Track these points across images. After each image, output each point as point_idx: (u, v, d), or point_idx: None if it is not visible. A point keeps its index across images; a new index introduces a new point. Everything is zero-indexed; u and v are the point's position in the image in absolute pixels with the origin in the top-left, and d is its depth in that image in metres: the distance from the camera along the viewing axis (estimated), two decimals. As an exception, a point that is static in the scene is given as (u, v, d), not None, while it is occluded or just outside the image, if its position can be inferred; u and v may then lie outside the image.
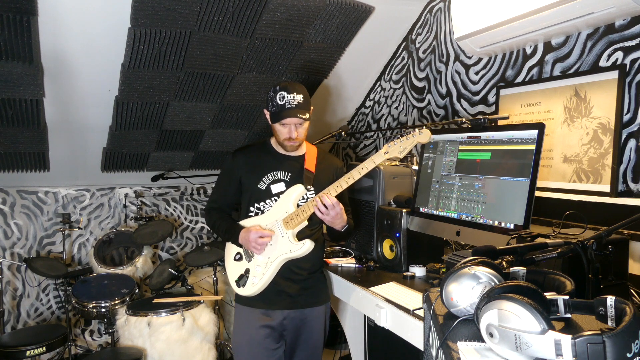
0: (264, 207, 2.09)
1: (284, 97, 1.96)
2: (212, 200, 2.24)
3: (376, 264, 2.33)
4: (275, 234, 2.02)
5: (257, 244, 2.00)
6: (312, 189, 2.08)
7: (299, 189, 2.04)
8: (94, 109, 2.90)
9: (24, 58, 2.37)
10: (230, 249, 2.18)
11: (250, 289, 2.05)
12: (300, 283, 2.09)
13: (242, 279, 2.07)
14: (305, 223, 2.02)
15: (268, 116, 2.04)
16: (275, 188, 2.08)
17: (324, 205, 1.92)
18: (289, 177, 2.09)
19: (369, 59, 3.22)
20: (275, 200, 2.07)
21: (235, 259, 2.13)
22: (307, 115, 1.99)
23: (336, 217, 1.95)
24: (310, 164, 2.11)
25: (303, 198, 2.06)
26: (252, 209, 2.11)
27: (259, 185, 2.08)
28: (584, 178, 1.98)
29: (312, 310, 2.13)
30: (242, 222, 2.12)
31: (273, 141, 2.15)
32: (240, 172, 2.11)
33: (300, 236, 2.04)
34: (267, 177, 2.08)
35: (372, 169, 1.93)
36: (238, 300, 2.14)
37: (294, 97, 1.96)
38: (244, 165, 2.11)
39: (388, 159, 1.93)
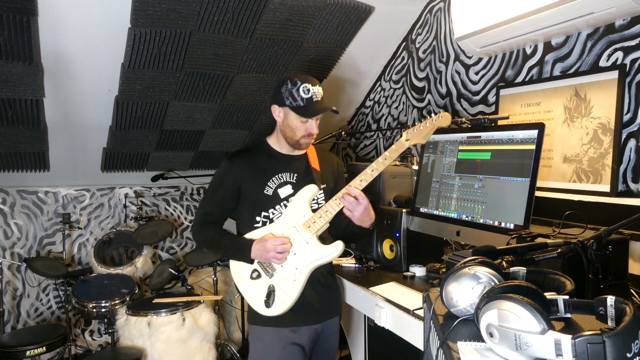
0: (273, 214, 1.87)
1: (309, 90, 1.78)
2: (204, 213, 1.93)
3: (376, 264, 2.33)
4: (296, 240, 1.82)
5: (277, 254, 1.77)
6: (323, 187, 1.94)
7: (312, 189, 1.85)
8: (94, 109, 2.90)
9: (24, 58, 2.37)
10: (242, 269, 1.89)
11: (281, 307, 1.80)
12: (321, 291, 1.91)
13: (270, 298, 1.82)
14: (327, 225, 1.83)
15: (286, 112, 1.82)
16: (282, 192, 1.87)
17: (352, 199, 1.75)
18: (295, 178, 1.89)
19: (369, 59, 3.22)
20: (285, 205, 1.86)
21: (252, 278, 1.86)
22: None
23: (364, 212, 1.76)
24: (315, 163, 1.95)
25: (314, 199, 1.90)
26: (258, 219, 1.87)
27: (265, 191, 1.86)
28: (584, 178, 1.98)
29: (332, 321, 1.98)
30: (250, 235, 1.87)
31: (272, 141, 1.94)
32: (241, 179, 1.86)
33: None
34: (273, 181, 1.87)
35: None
36: (257, 321, 1.87)
37: (318, 89, 1.81)
38: (243, 170, 1.87)
39: (412, 145, 1.81)
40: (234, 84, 2.95)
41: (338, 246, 1.80)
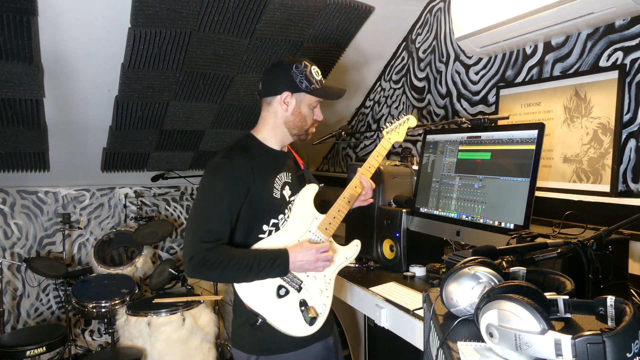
0: (281, 220, 1.67)
1: (318, 72, 1.69)
2: (212, 232, 1.53)
3: (376, 264, 2.33)
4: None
5: (324, 259, 1.61)
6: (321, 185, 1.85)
7: (314, 189, 1.73)
8: (94, 109, 2.90)
9: (24, 58, 2.37)
10: (261, 289, 1.59)
11: (320, 321, 1.64)
12: None
13: (311, 313, 1.61)
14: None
15: (301, 98, 1.67)
16: (285, 194, 1.70)
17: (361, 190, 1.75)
18: (290, 178, 1.74)
19: (369, 59, 3.22)
20: (289, 209, 1.69)
21: (280, 296, 1.60)
22: None
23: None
24: (299, 160, 1.84)
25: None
26: (266, 227, 1.65)
27: (274, 194, 1.65)
28: (584, 178, 1.98)
29: (335, 329, 1.84)
30: (261, 245, 1.63)
31: (263, 136, 1.72)
32: (251, 182, 1.60)
33: None
34: (277, 182, 1.67)
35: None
36: (278, 347, 1.61)
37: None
38: (249, 171, 1.60)
39: (395, 143, 1.89)
40: (234, 84, 2.95)
41: (358, 245, 1.76)
